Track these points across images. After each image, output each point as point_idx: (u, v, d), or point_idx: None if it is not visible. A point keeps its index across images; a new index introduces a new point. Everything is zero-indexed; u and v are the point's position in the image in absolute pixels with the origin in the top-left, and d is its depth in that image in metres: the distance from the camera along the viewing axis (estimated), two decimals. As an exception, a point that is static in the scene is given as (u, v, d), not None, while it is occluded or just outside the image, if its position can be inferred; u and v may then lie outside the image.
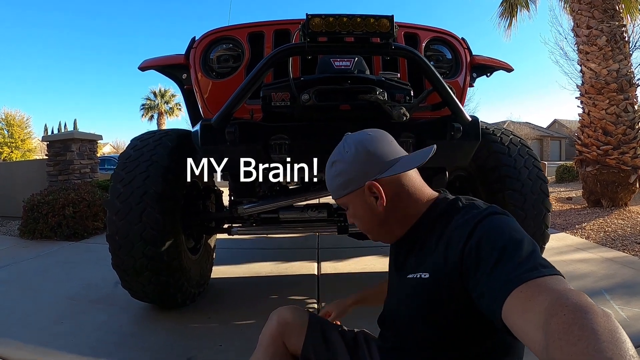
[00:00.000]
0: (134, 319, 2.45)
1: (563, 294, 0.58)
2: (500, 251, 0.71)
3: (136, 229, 2.12)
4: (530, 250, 0.71)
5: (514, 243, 0.72)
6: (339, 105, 1.80)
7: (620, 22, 6.13)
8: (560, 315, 0.53)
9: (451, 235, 0.82)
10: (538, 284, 0.63)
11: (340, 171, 0.96)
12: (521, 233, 0.76)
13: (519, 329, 0.62)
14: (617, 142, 6.01)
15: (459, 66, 2.38)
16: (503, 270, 0.68)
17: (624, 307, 2.46)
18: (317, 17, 1.50)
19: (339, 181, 0.97)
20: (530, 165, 2.35)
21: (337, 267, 3.52)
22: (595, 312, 0.52)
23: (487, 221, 0.79)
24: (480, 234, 0.77)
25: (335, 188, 0.98)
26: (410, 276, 0.89)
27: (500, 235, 0.75)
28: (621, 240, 4.32)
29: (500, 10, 9.11)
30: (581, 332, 0.49)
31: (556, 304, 0.56)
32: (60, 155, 6.22)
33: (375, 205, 0.94)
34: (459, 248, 0.78)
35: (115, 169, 2.26)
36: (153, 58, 2.46)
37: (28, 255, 4.13)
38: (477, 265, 0.73)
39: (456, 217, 0.86)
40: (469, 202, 0.92)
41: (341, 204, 1.01)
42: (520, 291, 0.64)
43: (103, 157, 12.31)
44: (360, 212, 0.97)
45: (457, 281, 0.77)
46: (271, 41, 2.21)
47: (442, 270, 0.81)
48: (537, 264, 0.67)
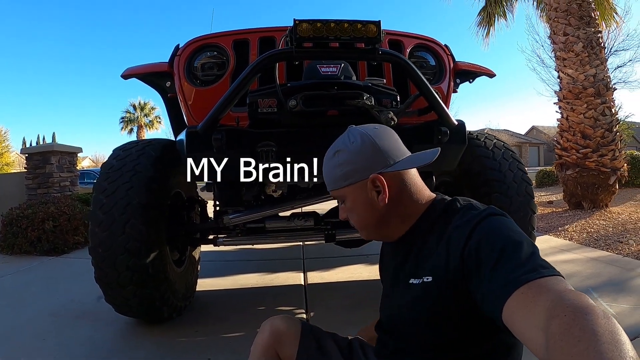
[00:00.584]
0: (120, 334, 2.38)
1: (564, 295, 0.58)
2: (499, 252, 0.71)
3: (120, 240, 2.06)
4: (530, 252, 0.71)
5: (514, 244, 0.72)
6: (327, 111, 1.79)
7: (596, 29, 6.32)
8: (560, 317, 0.53)
9: (450, 237, 0.82)
10: (539, 285, 0.63)
11: (343, 161, 0.93)
12: (520, 234, 0.76)
13: (519, 330, 0.62)
14: (596, 145, 6.15)
15: (443, 72, 2.40)
16: (503, 271, 0.68)
17: (611, 304, 2.51)
18: (304, 22, 1.50)
19: (340, 171, 0.93)
20: (514, 168, 2.37)
21: (323, 276, 3.49)
22: (595, 314, 0.52)
23: (486, 222, 0.79)
24: (479, 236, 0.76)
25: (336, 178, 0.95)
26: (413, 281, 0.88)
27: (499, 237, 0.75)
28: (604, 240, 4.41)
29: (479, 20, 9.31)
30: (581, 333, 0.49)
31: (557, 305, 0.56)
32: (40, 168, 6.07)
33: (376, 200, 0.92)
34: (459, 250, 0.78)
35: (98, 180, 2.21)
36: (136, 66, 2.42)
37: (8, 271, 4.00)
38: (477, 267, 0.73)
39: (455, 218, 0.86)
40: (467, 203, 0.91)
41: (338, 196, 0.98)
42: (521, 292, 0.63)
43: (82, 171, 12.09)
44: (359, 206, 0.94)
45: (460, 283, 0.77)
46: (256, 48, 2.20)
47: (445, 273, 0.80)
48: (537, 265, 0.68)
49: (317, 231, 2.55)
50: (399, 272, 0.95)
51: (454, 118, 1.97)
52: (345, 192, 0.95)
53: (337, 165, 0.94)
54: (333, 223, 2.50)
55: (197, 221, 2.78)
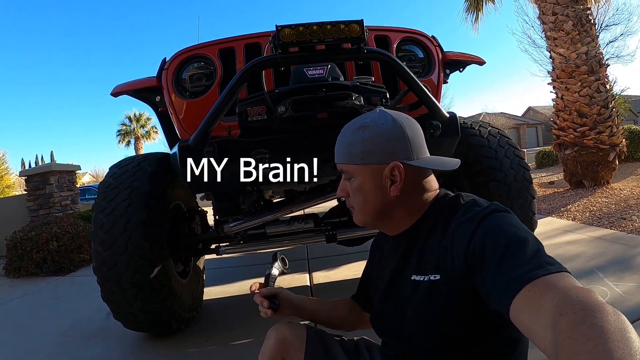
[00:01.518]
0: (130, 350, 2.39)
1: (572, 292, 0.57)
2: (504, 248, 0.70)
3: (123, 258, 2.06)
4: (535, 249, 0.70)
5: (518, 240, 0.71)
6: (316, 114, 1.78)
7: (584, 6, 6.29)
8: (569, 314, 0.53)
9: (454, 234, 0.82)
10: (546, 282, 0.62)
11: (367, 139, 0.89)
12: (525, 231, 0.75)
13: (527, 328, 0.61)
14: (593, 122, 6.13)
15: (432, 64, 2.39)
16: (509, 268, 0.68)
17: (618, 283, 2.50)
18: (286, 27, 1.50)
19: (361, 148, 0.89)
20: (511, 154, 2.37)
21: (329, 275, 3.49)
22: (604, 311, 0.51)
23: (490, 219, 0.78)
24: (483, 232, 0.76)
25: (353, 153, 0.90)
26: (416, 278, 0.87)
27: (504, 233, 0.74)
28: (607, 218, 4.40)
29: (466, 6, 9.25)
30: (590, 331, 0.49)
31: (565, 303, 0.55)
32: (40, 189, 6.09)
33: (387, 189, 0.89)
34: (463, 247, 0.77)
35: (96, 199, 2.21)
36: (125, 83, 2.42)
37: (15, 294, 4.01)
38: (482, 263, 0.73)
39: (458, 215, 0.85)
40: (470, 199, 0.90)
41: (347, 171, 0.93)
42: (528, 290, 0.63)
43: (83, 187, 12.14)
44: (368, 190, 0.91)
45: (466, 280, 0.76)
46: (242, 56, 2.19)
47: (451, 270, 0.80)
48: (543, 261, 0.67)
49: (318, 233, 2.55)
50: (401, 270, 0.94)
51: (446, 110, 1.96)
52: (357, 170, 0.91)
53: (359, 141, 0.90)
54: (333, 224, 2.50)
55: (199, 231, 2.79)
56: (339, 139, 0.96)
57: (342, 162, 0.94)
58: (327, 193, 2.34)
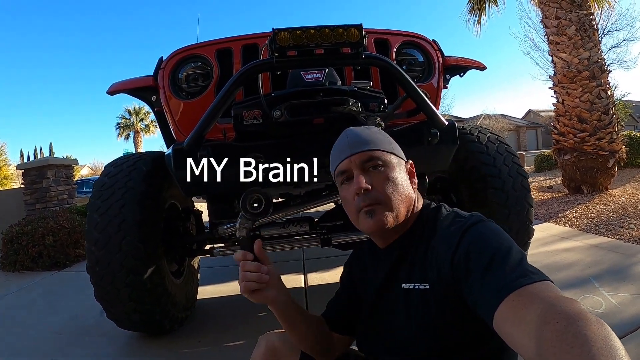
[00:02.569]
0: (124, 349, 2.38)
1: (555, 301, 0.58)
2: (489, 258, 0.72)
3: (116, 258, 2.05)
4: (518, 258, 0.71)
5: (502, 250, 0.73)
6: (312, 119, 1.77)
7: (588, 11, 6.25)
8: (553, 324, 0.53)
9: (439, 245, 0.83)
10: (529, 292, 0.63)
11: (389, 136, 1.00)
12: (508, 240, 0.76)
13: (511, 337, 0.62)
14: (593, 128, 6.11)
15: (432, 69, 2.37)
16: (493, 278, 0.69)
17: (613, 294, 2.49)
18: (283, 31, 1.47)
19: (389, 141, 0.98)
20: (509, 162, 2.35)
21: (324, 277, 3.48)
22: (588, 320, 0.52)
23: (473, 229, 0.80)
24: (468, 242, 0.77)
25: (386, 142, 0.97)
26: (408, 286, 0.88)
27: (488, 243, 0.75)
28: (605, 225, 4.39)
29: (469, 7, 9.20)
30: (574, 339, 0.49)
31: (549, 312, 0.56)
32: (37, 183, 6.06)
33: (409, 181, 0.96)
34: (449, 258, 0.78)
35: (91, 198, 2.20)
36: (121, 81, 2.40)
37: (11, 289, 3.99)
38: (467, 274, 0.74)
39: (442, 226, 0.87)
40: (453, 211, 0.92)
41: (380, 158, 0.93)
42: (511, 300, 0.64)
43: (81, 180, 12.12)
44: (402, 178, 0.94)
45: (453, 290, 0.77)
46: (240, 57, 2.17)
47: (437, 280, 0.81)
48: (526, 270, 0.68)
49: (313, 236, 2.54)
50: (391, 280, 0.94)
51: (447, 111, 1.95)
52: (391, 159, 0.94)
53: (384, 135, 0.99)
54: (328, 227, 2.48)
55: (193, 232, 2.77)
56: (361, 130, 0.99)
57: (378, 148, 0.94)
58: (322, 197, 2.32)
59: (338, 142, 0.99)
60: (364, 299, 1.05)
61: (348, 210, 0.97)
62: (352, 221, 0.97)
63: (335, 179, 0.99)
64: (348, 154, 0.94)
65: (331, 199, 2.30)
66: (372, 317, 1.00)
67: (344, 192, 0.96)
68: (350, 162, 0.93)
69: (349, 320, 1.11)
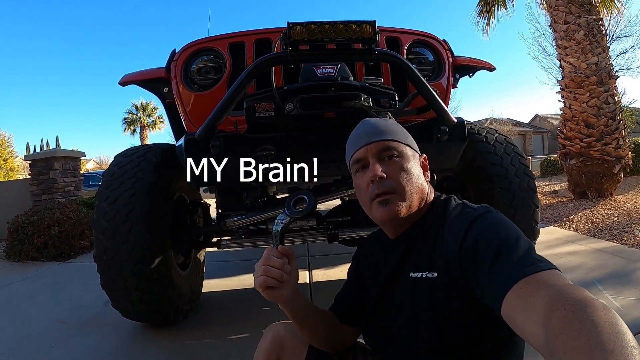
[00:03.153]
0: (127, 339, 2.39)
1: (562, 289, 0.59)
2: (497, 248, 0.72)
3: (124, 247, 2.07)
4: (527, 247, 0.72)
5: (510, 240, 0.73)
6: (324, 113, 1.78)
7: (597, 16, 6.25)
8: (560, 310, 0.54)
9: (448, 235, 0.84)
10: (537, 280, 0.64)
11: (406, 130, 1.01)
12: (516, 231, 0.77)
13: (519, 325, 0.62)
14: (600, 133, 6.10)
15: (442, 68, 2.38)
16: (501, 266, 0.70)
17: (616, 297, 2.49)
18: (298, 25, 1.48)
19: (405, 133, 1.00)
20: (516, 162, 2.36)
21: (328, 274, 3.49)
22: (595, 306, 0.52)
23: (482, 219, 0.81)
24: (476, 232, 0.78)
25: (404, 135, 0.99)
26: (416, 275, 0.89)
27: (496, 233, 0.76)
28: (609, 230, 4.38)
29: (478, 10, 9.20)
30: (582, 325, 0.50)
31: (556, 300, 0.56)
32: (44, 174, 6.10)
33: (423, 174, 0.98)
34: (457, 247, 0.79)
35: (100, 187, 2.22)
36: (133, 72, 2.42)
37: (15, 278, 4.03)
38: (475, 263, 0.75)
39: (451, 216, 0.89)
40: (462, 202, 0.94)
41: (395, 148, 0.94)
42: (519, 287, 0.64)
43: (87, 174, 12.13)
44: (417, 170, 0.96)
45: (461, 280, 0.78)
46: (252, 51, 2.19)
47: (445, 269, 0.82)
48: (534, 259, 0.68)
49: (320, 231, 2.55)
50: (399, 269, 0.95)
51: (453, 113, 1.95)
52: (407, 150, 0.96)
53: (401, 127, 1.01)
54: (335, 223, 2.49)
55: (201, 224, 2.79)
56: (379, 121, 1.00)
57: (392, 139, 0.95)
58: (331, 192, 2.33)
59: (355, 131, 1.01)
60: (370, 292, 1.05)
61: (361, 199, 0.98)
62: (364, 209, 0.98)
63: (350, 167, 1.00)
64: (365, 142, 0.95)
65: (339, 194, 2.31)
66: (378, 309, 1.00)
67: (358, 180, 0.97)
68: (367, 150, 0.94)
69: (358, 313, 1.12)
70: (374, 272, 1.06)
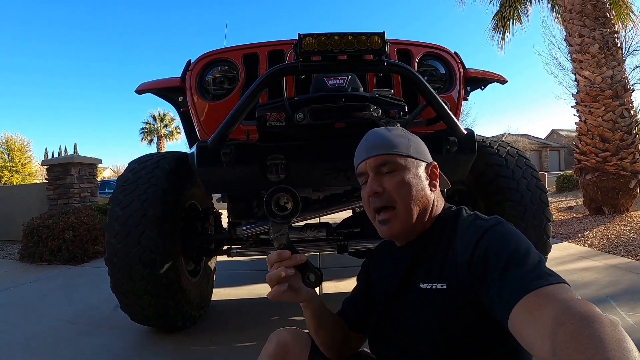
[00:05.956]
0: (135, 342, 2.42)
1: (570, 303, 0.58)
2: (507, 260, 0.72)
3: (135, 251, 2.11)
4: (537, 260, 0.72)
5: (521, 252, 0.73)
6: (334, 123, 1.80)
7: (612, 29, 6.19)
8: (567, 325, 0.54)
9: (458, 245, 0.84)
10: (545, 293, 0.64)
11: (411, 136, 1.00)
12: (527, 243, 0.77)
13: (525, 338, 0.62)
14: (615, 148, 6.01)
15: (453, 80, 2.38)
16: (510, 278, 0.69)
17: (630, 313, 2.44)
18: (309, 36, 1.51)
19: (407, 142, 0.97)
20: (528, 175, 2.34)
21: (338, 286, 3.48)
22: (602, 322, 0.52)
23: (492, 230, 0.80)
24: (486, 243, 0.78)
25: (401, 145, 0.96)
26: (426, 286, 0.88)
27: (507, 245, 0.76)
28: (624, 246, 4.30)
29: (493, 24, 9.22)
30: (589, 341, 0.50)
31: (564, 314, 0.56)
32: (60, 179, 6.23)
33: (427, 185, 0.96)
34: (467, 257, 0.79)
35: (114, 192, 2.26)
36: (150, 81, 2.47)
37: (28, 279, 4.11)
38: (485, 274, 0.74)
39: (462, 227, 0.88)
40: (474, 213, 0.93)
41: (393, 162, 0.94)
42: (527, 300, 0.64)
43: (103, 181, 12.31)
44: (417, 182, 0.94)
45: (470, 291, 0.78)
46: (265, 62, 2.22)
47: (455, 280, 0.82)
48: (543, 272, 0.68)
49: (330, 242, 2.55)
50: (408, 278, 0.95)
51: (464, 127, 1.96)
52: (405, 162, 0.94)
53: (404, 137, 0.98)
54: (345, 234, 2.50)
55: (212, 232, 2.82)
56: (379, 133, 1.00)
57: (390, 153, 0.95)
58: (341, 203, 2.34)
59: (360, 144, 1.02)
60: (378, 298, 1.05)
61: (367, 211, 1.00)
62: (371, 220, 1.00)
63: (358, 179, 1.02)
64: (364, 157, 0.97)
65: (350, 205, 2.32)
66: (386, 317, 1.00)
67: (362, 192, 1.00)
68: (366, 165, 0.97)
69: (364, 319, 1.12)
70: (383, 279, 1.06)
